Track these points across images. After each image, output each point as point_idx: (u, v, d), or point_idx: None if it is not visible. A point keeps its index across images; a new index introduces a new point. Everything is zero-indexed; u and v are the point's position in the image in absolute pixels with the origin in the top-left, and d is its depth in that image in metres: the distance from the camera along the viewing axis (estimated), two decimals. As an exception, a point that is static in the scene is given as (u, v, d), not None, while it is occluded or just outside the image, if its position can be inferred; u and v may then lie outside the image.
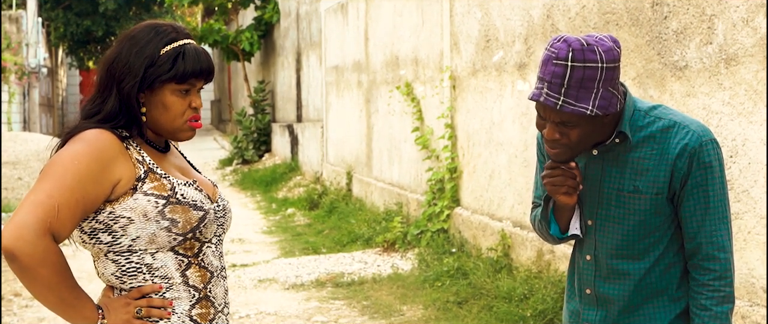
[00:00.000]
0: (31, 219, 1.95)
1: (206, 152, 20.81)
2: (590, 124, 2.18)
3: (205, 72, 2.15)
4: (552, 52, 2.13)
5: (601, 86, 2.12)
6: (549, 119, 2.18)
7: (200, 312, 2.16)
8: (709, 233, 2.25)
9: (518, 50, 6.39)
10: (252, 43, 17.77)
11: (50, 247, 1.97)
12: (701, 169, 2.22)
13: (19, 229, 1.94)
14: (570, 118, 2.15)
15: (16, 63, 20.70)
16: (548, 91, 2.13)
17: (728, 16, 4.17)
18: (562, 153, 2.23)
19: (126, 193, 2.07)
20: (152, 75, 2.10)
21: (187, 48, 2.14)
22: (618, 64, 2.15)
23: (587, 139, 2.22)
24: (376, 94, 10.26)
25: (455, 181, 7.70)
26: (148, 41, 2.12)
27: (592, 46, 2.11)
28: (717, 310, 2.25)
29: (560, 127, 2.18)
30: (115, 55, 2.13)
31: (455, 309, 5.99)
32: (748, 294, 4.15)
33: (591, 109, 2.12)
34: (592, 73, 2.10)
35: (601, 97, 2.13)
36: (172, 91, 2.13)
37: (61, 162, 2.03)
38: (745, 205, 4.15)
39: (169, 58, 2.11)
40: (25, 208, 1.97)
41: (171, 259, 2.12)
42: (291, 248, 9.02)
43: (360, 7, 10.82)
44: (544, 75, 2.14)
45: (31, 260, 1.95)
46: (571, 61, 2.10)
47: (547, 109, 2.17)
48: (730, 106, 4.19)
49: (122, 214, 2.07)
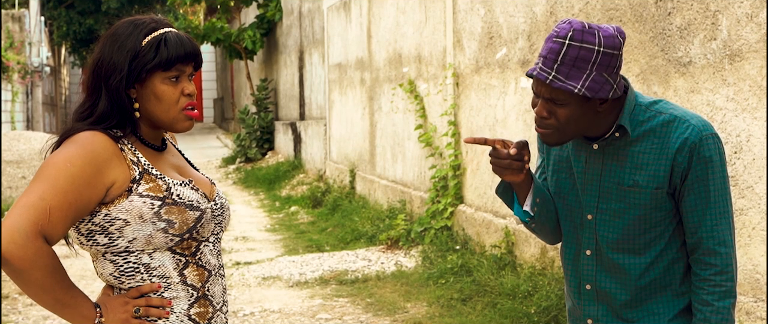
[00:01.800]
0: (23, 222, 1.95)
1: (209, 150, 20.82)
2: (580, 107, 2.19)
3: (190, 55, 2.13)
4: (555, 31, 2.18)
5: (594, 69, 2.14)
6: (541, 95, 2.21)
7: (199, 311, 2.15)
8: (709, 228, 2.24)
9: (521, 47, 6.39)
10: (254, 41, 17.77)
11: (42, 249, 1.96)
12: (701, 164, 2.22)
13: (10, 233, 1.94)
14: (559, 96, 2.17)
15: (19, 62, 20.72)
16: (542, 66, 2.17)
17: (732, 12, 4.16)
18: (550, 134, 2.24)
19: (121, 196, 2.06)
20: (138, 66, 2.09)
21: (169, 34, 2.12)
22: (618, 52, 2.16)
23: (575, 123, 2.21)
24: (379, 91, 10.26)
25: (459, 178, 7.70)
26: (128, 35, 2.11)
27: (593, 29, 2.15)
28: (718, 304, 2.25)
29: (550, 104, 2.19)
30: (98, 55, 2.12)
31: (459, 306, 6.00)
32: (753, 290, 4.15)
33: (579, 89, 2.13)
34: (586, 54, 2.13)
35: (593, 80, 2.14)
36: (161, 80, 2.11)
37: (54, 164, 2.02)
38: (749, 201, 4.14)
39: (151, 46, 2.09)
40: (17, 210, 1.97)
41: (169, 258, 2.11)
42: (295, 246, 9.02)
43: (363, 5, 10.81)
44: (542, 51, 2.19)
45: (22, 263, 1.94)
46: (569, 40, 2.14)
47: (539, 84, 2.20)
48: (735, 102, 4.18)
49: (118, 216, 2.06)
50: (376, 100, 10.37)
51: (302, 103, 15.69)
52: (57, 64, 29.93)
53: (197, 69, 2.18)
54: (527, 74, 2.21)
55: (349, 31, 11.59)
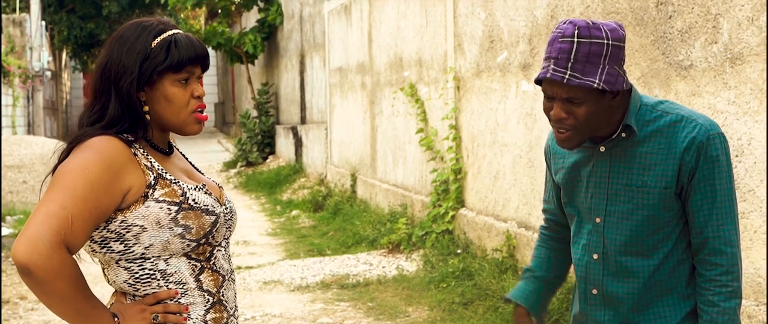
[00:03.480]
0: (45, 231, 1.89)
1: (210, 155, 20.83)
2: (597, 103, 2.18)
3: (200, 57, 2.12)
4: (558, 32, 2.17)
5: (607, 62, 2.14)
6: (556, 97, 2.19)
7: (215, 316, 2.13)
8: (715, 227, 2.24)
9: (522, 51, 6.39)
10: (255, 46, 17.78)
11: (66, 259, 1.92)
12: (708, 163, 2.21)
13: (33, 242, 1.88)
14: (577, 94, 2.16)
15: (20, 66, 20.73)
16: (555, 67, 2.15)
17: (733, 15, 4.16)
18: (569, 137, 2.23)
19: (137, 201, 2.03)
20: (148, 68, 2.06)
21: (178, 36, 2.10)
22: (623, 44, 2.18)
23: (594, 120, 2.20)
24: (380, 95, 10.26)
25: (460, 182, 7.69)
26: (137, 37, 2.08)
27: (597, 24, 2.16)
28: (724, 305, 2.24)
29: (567, 104, 2.18)
30: (106, 58, 2.09)
31: (461, 310, 5.99)
32: (755, 293, 4.14)
33: (598, 83, 2.13)
34: (598, 49, 2.13)
35: (608, 73, 2.15)
36: (171, 82, 2.09)
37: (71, 171, 1.97)
38: (751, 205, 4.14)
39: (161, 48, 2.07)
40: (38, 219, 1.91)
41: (185, 264, 2.09)
42: (296, 250, 9.02)
43: (363, 9, 10.82)
44: (550, 53, 2.17)
45: (47, 274, 1.89)
46: (578, 37, 2.13)
47: (554, 86, 2.18)
48: (736, 106, 4.18)
49: (134, 222, 2.02)
50: (377, 104, 10.37)
51: (303, 107, 15.69)
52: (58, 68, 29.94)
53: (204, 70, 2.17)
54: (538, 78, 2.19)
55: (350, 35, 11.59)
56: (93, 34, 29.35)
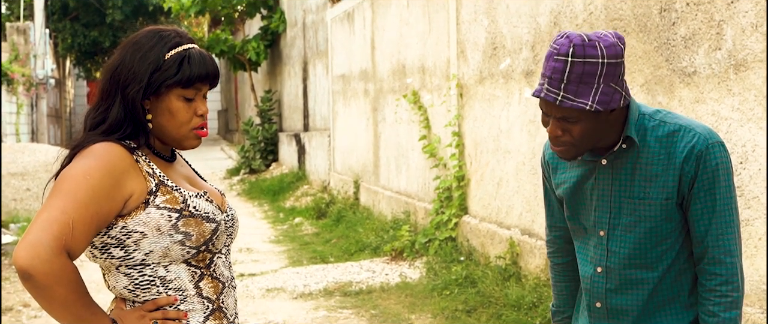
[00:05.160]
0: (47, 236, 1.90)
1: (213, 162, 20.84)
2: (593, 120, 2.17)
3: (210, 76, 2.12)
4: (554, 49, 2.13)
5: (601, 81, 2.11)
6: (551, 115, 2.18)
7: (214, 323, 2.14)
8: (715, 236, 2.22)
9: (525, 57, 6.38)
10: (258, 53, 17.80)
11: (66, 264, 1.92)
12: (708, 172, 2.20)
13: (34, 248, 1.89)
14: (570, 114, 2.15)
15: (24, 74, 20.76)
16: (548, 87, 2.13)
17: (737, 22, 4.15)
18: (566, 151, 2.23)
19: (138, 208, 2.03)
20: (158, 80, 2.06)
21: (192, 52, 2.10)
22: (621, 59, 2.14)
23: (591, 136, 2.20)
24: (383, 102, 10.26)
25: (463, 189, 7.68)
26: (152, 46, 2.08)
27: (593, 41, 2.11)
28: (724, 315, 2.23)
29: (562, 122, 2.17)
30: (118, 61, 2.09)
31: (464, 317, 5.97)
32: (759, 301, 4.13)
33: (590, 105, 2.11)
34: (592, 69, 2.10)
35: (602, 93, 2.12)
36: (177, 96, 2.09)
37: (73, 177, 1.98)
38: (755, 212, 4.12)
39: (174, 62, 2.07)
40: (39, 225, 1.91)
41: (184, 271, 2.09)
42: (299, 257, 9.01)
43: (366, 16, 10.82)
44: (545, 71, 2.15)
45: (47, 279, 1.90)
46: (571, 56, 2.10)
47: (548, 105, 2.17)
48: (740, 112, 4.17)
49: (135, 228, 2.03)
50: (380, 111, 10.37)
51: (306, 115, 15.69)
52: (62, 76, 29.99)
53: (212, 88, 2.17)
54: (534, 95, 2.18)
55: (353, 42, 11.60)
56: (97, 42, 29.41)
